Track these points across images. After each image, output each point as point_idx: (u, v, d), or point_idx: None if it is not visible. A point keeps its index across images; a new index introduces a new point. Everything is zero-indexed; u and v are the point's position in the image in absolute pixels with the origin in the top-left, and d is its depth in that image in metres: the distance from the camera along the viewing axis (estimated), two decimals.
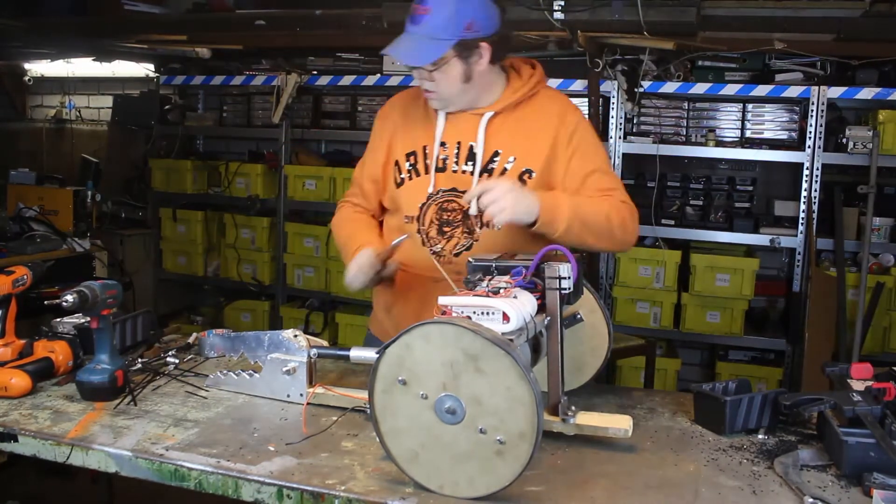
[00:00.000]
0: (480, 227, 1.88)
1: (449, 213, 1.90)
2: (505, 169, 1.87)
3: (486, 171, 1.87)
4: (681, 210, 4.01)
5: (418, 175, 1.92)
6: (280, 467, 1.40)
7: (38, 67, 5.52)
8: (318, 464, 1.42)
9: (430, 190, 1.89)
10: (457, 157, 1.89)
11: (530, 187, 1.83)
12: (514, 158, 1.87)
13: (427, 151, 1.91)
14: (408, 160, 1.94)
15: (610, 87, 3.91)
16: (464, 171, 1.88)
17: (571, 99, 4.41)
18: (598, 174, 1.87)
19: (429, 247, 1.91)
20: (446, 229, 1.90)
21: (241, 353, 1.80)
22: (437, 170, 1.90)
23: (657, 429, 1.64)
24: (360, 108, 4.53)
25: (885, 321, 3.74)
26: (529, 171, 1.87)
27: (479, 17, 1.76)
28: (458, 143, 1.89)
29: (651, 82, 3.89)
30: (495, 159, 1.87)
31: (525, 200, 1.69)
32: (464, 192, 1.85)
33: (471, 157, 1.88)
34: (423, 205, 1.91)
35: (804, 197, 3.73)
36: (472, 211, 1.72)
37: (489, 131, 1.88)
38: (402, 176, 1.94)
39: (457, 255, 1.89)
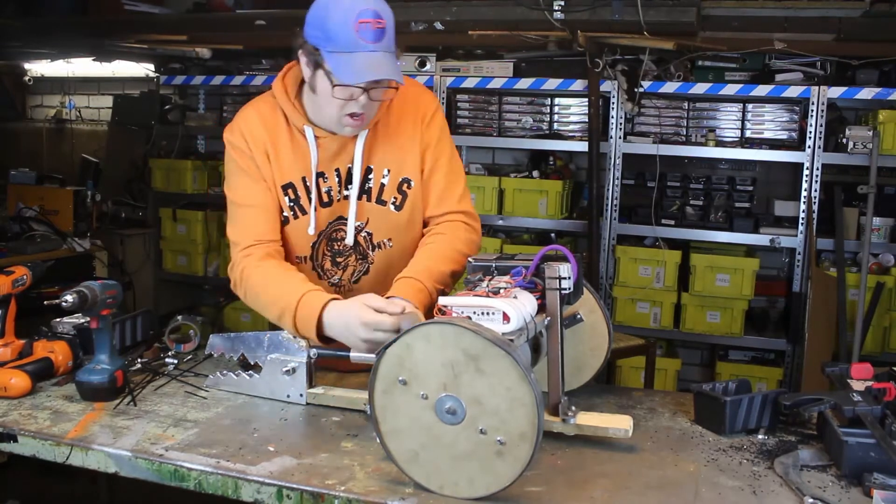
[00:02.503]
0: (373, 250, 1.84)
1: (338, 243, 1.84)
2: (382, 185, 1.79)
3: (364, 192, 1.79)
4: (681, 210, 4.01)
5: (304, 213, 1.79)
6: (280, 467, 1.40)
7: (38, 67, 5.52)
8: (317, 464, 1.42)
9: (312, 232, 1.78)
10: (339, 185, 1.79)
11: (412, 197, 1.81)
12: (389, 171, 1.80)
13: (308, 185, 1.77)
14: (286, 194, 1.78)
15: (610, 87, 3.91)
16: (346, 197, 1.79)
17: (572, 99, 4.43)
18: (445, 184, 1.83)
19: (326, 280, 1.86)
20: (339, 259, 1.85)
21: (240, 353, 1.80)
22: (324, 205, 1.79)
23: (657, 429, 1.63)
24: None
25: (885, 321, 3.74)
26: (408, 181, 1.81)
27: None
28: (337, 169, 1.78)
29: (651, 82, 3.89)
30: (370, 177, 1.79)
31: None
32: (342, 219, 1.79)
33: (349, 179, 1.79)
34: (315, 244, 1.83)
35: (804, 197, 3.73)
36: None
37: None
38: (284, 214, 1.79)
39: (356, 282, 1.86)
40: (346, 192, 1.79)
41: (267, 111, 1.78)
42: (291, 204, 1.78)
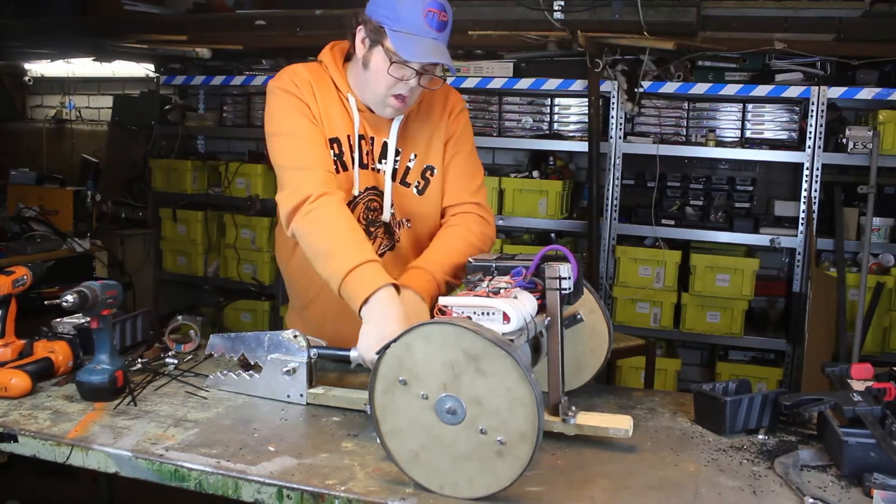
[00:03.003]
0: (399, 228, 1.90)
1: (372, 213, 1.87)
2: (408, 168, 1.88)
3: (392, 171, 1.86)
4: (681, 210, 4.01)
5: (345, 169, 1.82)
6: (280, 467, 1.40)
7: (38, 67, 5.52)
8: (317, 464, 1.42)
9: (356, 192, 1.82)
10: (373, 155, 1.85)
11: (434, 184, 1.89)
12: (416, 156, 1.88)
13: (352, 143, 1.82)
14: (331, 147, 1.81)
15: (610, 87, 3.91)
16: (379, 170, 1.86)
17: (572, 99, 4.44)
18: (463, 175, 1.91)
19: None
20: (371, 229, 1.88)
21: (240, 353, 1.80)
22: (361, 165, 1.84)
23: (657, 429, 1.64)
24: None
25: (885, 321, 3.74)
26: (431, 168, 1.90)
27: None
28: (373, 138, 1.84)
29: (651, 82, 3.89)
30: (398, 158, 1.87)
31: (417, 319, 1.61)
32: (373, 189, 1.84)
33: (383, 154, 1.86)
34: (352, 202, 1.83)
35: (804, 197, 3.73)
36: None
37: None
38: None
39: (381, 255, 1.87)
40: (377, 165, 1.85)
41: (315, 70, 1.83)
42: (335, 158, 1.81)
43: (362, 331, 1.60)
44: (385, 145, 1.85)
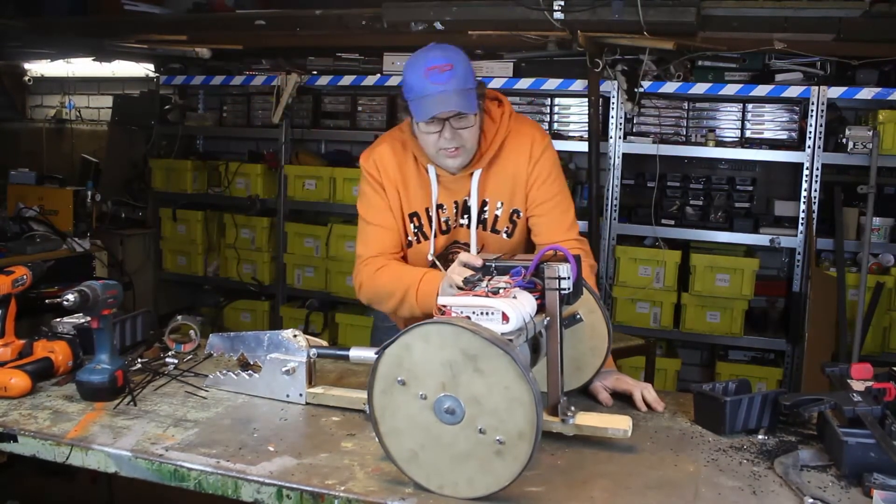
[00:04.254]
0: None
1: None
2: (496, 216, 2.00)
3: (480, 221, 2.00)
4: (681, 210, 4.01)
5: (426, 238, 2.02)
6: (279, 467, 1.40)
7: (38, 67, 5.51)
8: (317, 464, 1.42)
9: (430, 257, 2.00)
10: (455, 215, 2.01)
11: (520, 225, 2.01)
12: (502, 203, 1.99)
13: (430, 214, 2.00)
14: (412, 222, 2.02)
15: (610, 87, 3.91)
16: (460, 225, 2.02)
17: (572, 99, 4.43)
18: (554, 218, 2.00)
19: None
20: None
21: (240, 353, 1.80)
22: (442, 232, 2.02)
23: (657, 429, 1.64)
24: (360, 108, 4.53)
25: (885, 321, 3.74)
26: (517, 212, 2.00)
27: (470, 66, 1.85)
28: (455, 202, 1.99)
29: (651, 82, 3.89)
30: (486, 209, 2.00)
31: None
32: (464, 245, 2.01)
33: (465, 210, 2.00)
34: (432, 264, 1.99)
35: (804, 197, 3.73)
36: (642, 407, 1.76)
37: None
38: (408, 238, 2.03)
39: None
40: (461, 221, 2.02)
41: (399, 148, 2.01)
42: (416, 230, 2.02)
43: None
44: (465, 203, 1.99)
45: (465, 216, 2.00)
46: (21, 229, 3.96)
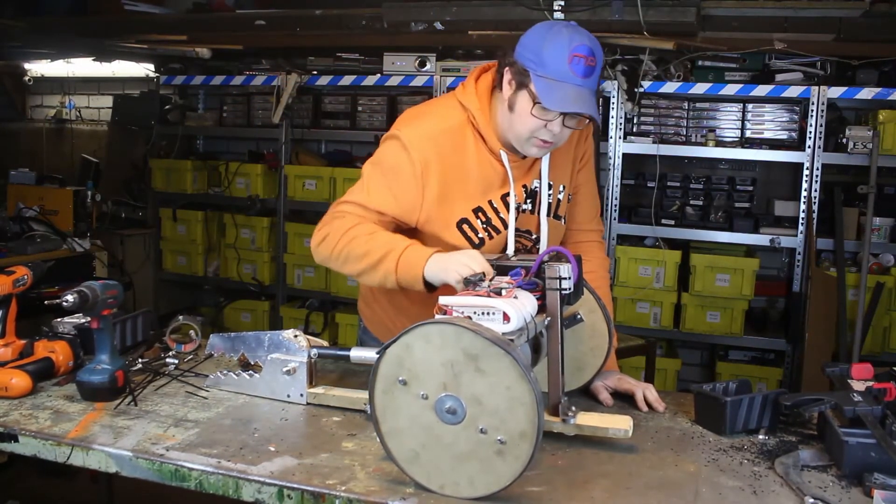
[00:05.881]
0: None
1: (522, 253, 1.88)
2: (559, 201, 1.86)
3: (548, 205, 1.86)
4: (681, 210, 4.01)
5: (497, 232, 1.79)
6: (280, 467, 1.40)
7: (38, 67, 5.51)
8: (318, 464, 1.42)
9: (510, 247, 1.79)
10: (525, 201, 1.83)
11: (564, 207, 1.88)
12: (564, 187, 1.87)
13: (496, 205, 1.78)
14: (478, 217, 1.78)
15: (610, 87, 3.91)
16: (524, 211, 1.83)
17: None
18: (589, 204, 1.95)
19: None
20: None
21: (241, 353, 1.80)
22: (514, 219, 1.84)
23: (657, 429, 1.64)
24: (360, 108, 4.53)
25: (885, 321, 3.74)
26: (569, 196, 1.91)
27: None
28: (524, 185, 1.82)
29: (651, 82, 3.89)
30: (550, 193, 1.84)
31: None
32: (525, 232, 1.83)
33: (530, 195, 1.83)
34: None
35: (804, 197, 3.73)
36: (644, 407, 1.75)
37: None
38: (479, 236, 1.79)
39: None
40: (525, 206, 1.82)
41: (455, 129, 1.75)
42: (485, 226, 1.79)
43: (428, 268, 1.60)
44: (525, 188, 1.82)
45: (529, 201, 1.82)
46: (21, 229, 3.96)
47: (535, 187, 1.82)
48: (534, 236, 1.86)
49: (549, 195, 1.83)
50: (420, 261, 1.61)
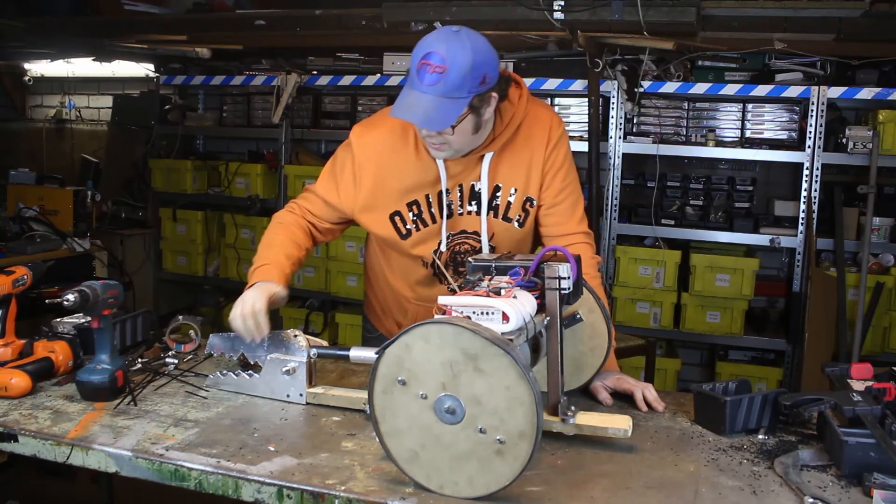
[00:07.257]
0: None
1: (462, 255, 1.93)
2: (509, 203, 1.89)
3: (492, 207, 1.89)
4: (681, 210, 4.01)
5: (425, 225, 1.89)
6: (280, 467, 1.40)
7: (38, 67, 5.51)
8: (318, 464, 1.42)
9: (443, 242, 1.90)
10: (461, 200, 1.89)
11: (532, 214, 1.91)
12: (516, 190, 1.88)
13: (431, 200, 1.88)
14: (410, 210, 1.89)
15: (610, 87, 3.91)
16: (469, 212, 1.90)
17: (572, 99, 4.42)
18: (569, 206, 1.93)
19: (446, 284, 1.96)
20: (461, 269, 1.93)
21: (240, 353, 1.80)
22: (447, 215, 1.89)
23: (657, 429, 1.64)
24: (360, 108, 4.53)
25: (885, 321, 3.74)
26: (531, 200, 1.90)
27: (490, 68, 1.66)
28: (461, 185, 1.87)
29: (651, 82, 3.89)
30: (497, 194, 1.88)
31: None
32: (472, 233, 1.90)
33: (473, 196, 1.88)
34: (437, 251, 1.92)
35: (804, 197, 3.73)
36: (643, 407, 1.75)
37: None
38: (407, 227, 1.90)
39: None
40: (468, 208, 1.89)
41: (398, 131, 1.86)
42: (414, 218, 1.89)
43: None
44: (472, 188, 1.87)
45: (474, 202, 1.88)
46: (21, 229, 3.96)
47: (479, 189, 1.87)
48: (483, 237, 1.91)
49: (499, 196, 1.88)
50: (254, 280, 1.83)
